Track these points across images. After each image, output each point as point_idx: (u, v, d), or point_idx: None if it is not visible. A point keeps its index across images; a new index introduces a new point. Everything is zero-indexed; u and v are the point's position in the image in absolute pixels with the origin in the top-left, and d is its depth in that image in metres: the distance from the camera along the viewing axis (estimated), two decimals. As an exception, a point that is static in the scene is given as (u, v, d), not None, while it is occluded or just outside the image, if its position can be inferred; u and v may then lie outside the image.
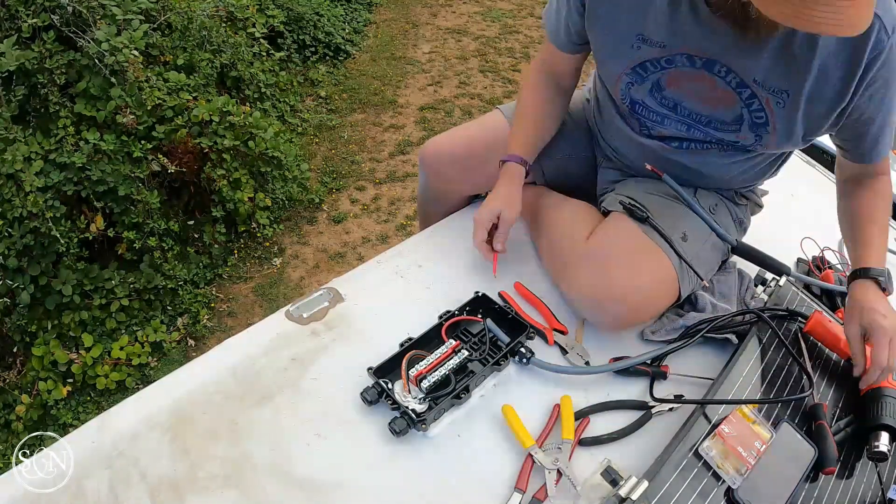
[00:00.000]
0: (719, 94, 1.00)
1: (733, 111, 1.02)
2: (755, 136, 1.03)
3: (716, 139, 1.07)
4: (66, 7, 2.68)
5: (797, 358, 1.01)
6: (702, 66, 0.98)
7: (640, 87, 1.07)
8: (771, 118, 1.00)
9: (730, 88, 0.99)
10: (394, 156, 4.26)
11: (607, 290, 1.02)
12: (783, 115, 0.99)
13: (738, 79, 0.97)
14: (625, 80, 1.07)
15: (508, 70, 5.29)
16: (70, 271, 2.78)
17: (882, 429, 0.93)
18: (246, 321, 3.16)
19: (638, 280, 1.03)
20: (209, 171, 3.09)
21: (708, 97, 1.02)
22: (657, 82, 1.05)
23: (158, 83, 2.98)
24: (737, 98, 0.99)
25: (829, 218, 1.20)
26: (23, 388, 2.78)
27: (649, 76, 1.04)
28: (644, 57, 1.02)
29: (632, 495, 0.78)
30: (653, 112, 1.09)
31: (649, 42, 1.00)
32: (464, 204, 1.43)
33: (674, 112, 1.07)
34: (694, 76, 1.00)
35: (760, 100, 0.98)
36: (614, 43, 1.05)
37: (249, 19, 3.89)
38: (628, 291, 1.02)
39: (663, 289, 1.07)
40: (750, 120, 1.01)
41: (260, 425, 0.92)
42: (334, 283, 1.16)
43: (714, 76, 0.98)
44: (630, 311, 1.04)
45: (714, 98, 1.01)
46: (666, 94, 1.05)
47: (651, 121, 1.11)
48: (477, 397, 0.99)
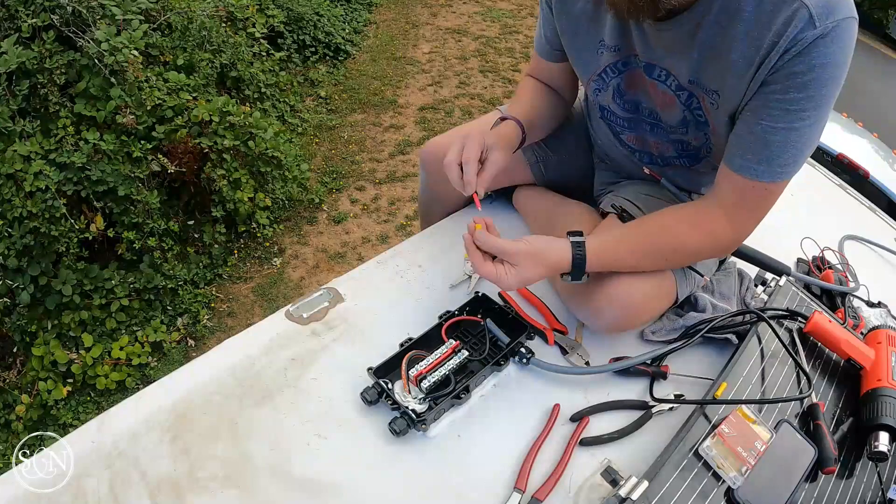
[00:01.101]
0: (662, 97, 0.99)
1: (676, 115, 1.00)
2: (704, 135, 1.01)
3: (675, 142, 1.06)
4: (66, 7, 2.68)
5: (796, 358, 1.01)
6: (643, 69, 0.98)
7: (605, 93, 1.07)
8: (709, 118, 0.96)
9: (670, 91, 0.96)
10: (394, 156, 4.26)
11: (605, 294, 1.01)
12: (720, 116, 0.93)
13: (676, 81, 0.94)
14: (592, 87, 1.08)
15: (508, 70, 5.29)
16: (70, 271, 2.78)
17: (882, 429, 0.93)
18: (246, 321, 3.16)
19: (634, 283, 1.02)
20: (209, 171, 3.09)
21: (656, 99, 1.01)
22: (618, 87, 1.05)
23: (158, 83, 2.98)
24: (676, 101, 0.97)
25: (829, 218, 1.20)
26: (23, 388, 2.78)
27: (610, 81, 1.05)
28: (606, 62, 1.02)
29: (632, 495, 0.78)
30: (619, 118, 1.10)
31: (608, 48, 1.00)
32: (464, 204, 1.43)
33: (636, 113, 1.07)
34: (643, 79, 1.00)
35: (698, 98, 0.94)
36: (579, 51, 1.06)
37: (249, 19, 3.89)
38: (626, 295, 1.01)
39: (660, 292, 1.07)
40: (693, 120, 0.99)
41: (260, 425, 0.92)
42: (334, 283, 1.16)
43: (655, 80, 0.97)
44: (626, 314, 1.03)
45: (661, 100, 1.00)
46: (627, 97, 1.06)
47: (619, 126, 1.12)
48: (477, 397, 0.99)
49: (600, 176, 1.32)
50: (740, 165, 0.89)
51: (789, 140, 0.84)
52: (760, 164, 0.87)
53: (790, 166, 0.86)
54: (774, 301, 1.13)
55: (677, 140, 1.06)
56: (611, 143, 1.20)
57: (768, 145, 0.85)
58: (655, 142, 1.10)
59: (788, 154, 0.85)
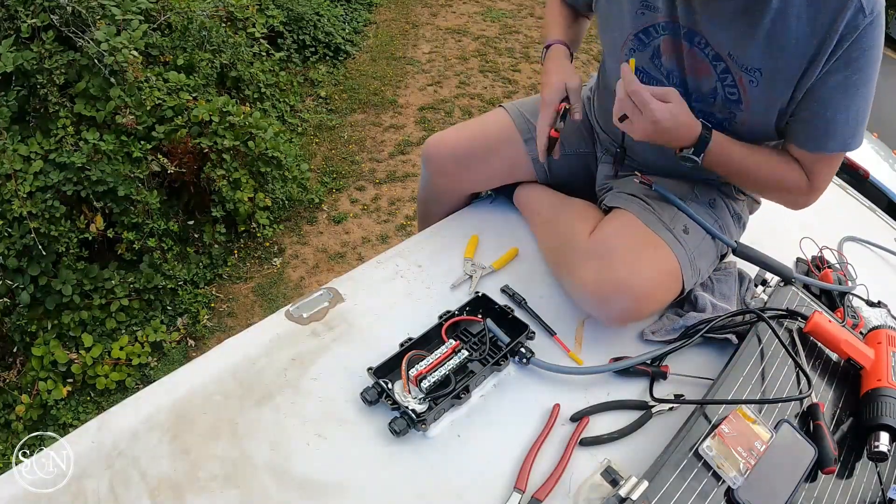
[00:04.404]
0: (698, 63, 1.02)
1: (709, 82, 1.03)
2: (729, 112, 1.04)
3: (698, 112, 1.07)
4: (66, 7, 2.68)
5: (796, 358, 1.01)
6: (684, 37, 1.00)
7: (643, 53, 1.09)
8: (744, 96, 1.00)
9: (707, 60, 1.00)
10: (394, 156, 4.26)
11: (613, 284, 1.02)
12: (757, 94, 0.98)
13: (714, 52, 0.98)
14: (628, 47, 1.10)
15: (508, 70, 5.28)
16: (70, 271, 2.78)
17: (882, 429, 0.93)
18: (246, 321, 3.16)
19: (642, 272, 1.04)
20: (209, 171, 3.09)
21: (689, 66, 1.04)
22: (657, 48, 1.07)
23: (158, 83, 2.98)
24: (712, 70, 1.01)
25: (829, 218, 1.20)
26: (23, 388, 2.78)
27: (651, 42, 1.06)
28: (648, 22, 1.04)
29: (632, 495, 0.78)
30: (653, 79, 1.11)
31: (651, 7, 1.02)
32: (464, 204, 1.43)
33: (667, 80, 1.09)
34: (679, 45, 1.02)
35: (734, 76, 0.98)
36: (619, 10, 1.08)
37: (249, 19, 3.89)
38: (633, 284, 1.02)
39: (667, 281, 1.07)
40: (723, 94, 1.02)
41: (260, 425, 0.92)
42: (334, 283, 1.16)
43: (694, 47, 1.00)
44: (636, 303, 1.03)
45: (694, 67, 1.03)
46: (661, 61, 1.07)
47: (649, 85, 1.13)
48: (477, 397, 0.99)
49: (603, 169, 1.32)
50: (814, 147, 1.00)
51: (850, 117, 0.95)
52: (830, 141, 0.98)
53: (856, 137, 0.98)
54: (774, 301, 1.13)
55: (700, 110, 1.07)
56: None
57: (836, 124, 0.96)
58: None
59: (850, 128, 0.96)
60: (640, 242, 1.07)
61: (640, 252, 1.06)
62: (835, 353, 1.07)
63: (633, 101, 0.97)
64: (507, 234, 1.32)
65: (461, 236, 1.30)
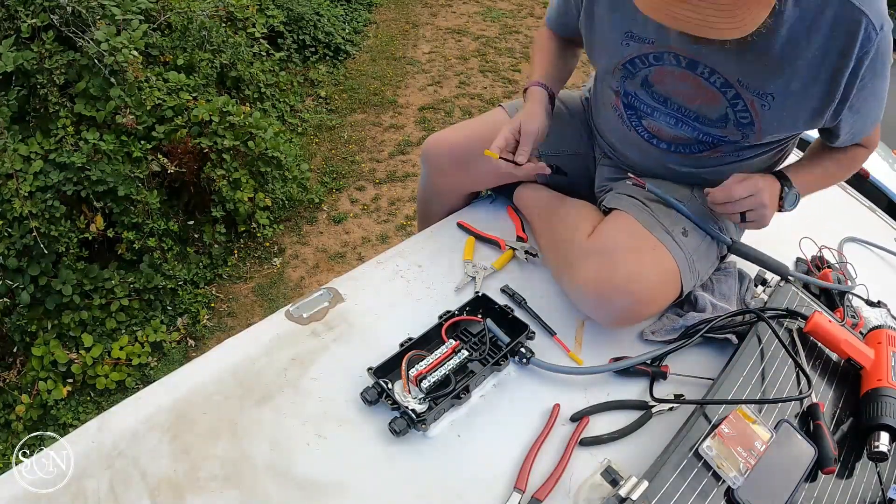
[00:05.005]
0: (704, 92, 1.02)
1: (718, 110, 1.03)
2: (741, 133, 1.05)
3: (704, 134, 1.08)
4: (66, 7, 2.68)
5: (796, 358, 1.01)
6: (686, 66, 1.00)
7: (632, 81, 1.10)
8: (756, 119, 1.01)
9: (714, 88, 1.00)
10: (394, 156, 4.26)
11: (612, 284, 1.02)
12: (769, 116, 1.00)
13: (723, 79, 0.98)
14: (619, 75, 1.11)
15: (508, 70, 5.28)
16: (70, 271, 2.77)
17: (882, 429, 0.93)
18: (246, 321, 3.16)
19: (642, 273, 1.04)
20: (209, 171, 3.09)
21: (693, 95, 1.04)
22: (645, 79, 1.07)
23: (158, 83, 2.97)
24: (721, 97, 1.01)
25: (828, 218, 1.20)
26: (23, 388, 2.77)
27: (638, 72, 1.07)
28: (633, 53, 1.04)
29: (632, 495, 0.78)
30: (644, 103, 1.12)
31: (637, 39, 1.02)
32: (464, 203, 1.43)
33: (664, 106, 1.09)
34: (679, 75, 1.02)
35: (745, 101, 0.99)
36: (603, 40, 1.08)
37: (249, 19, 3.88)
38: (633, 284, 1.02)
39: (666, 283, 1.07)
40: (735, 119, 1.03)
41: (260, 425, 0.92)
42: (334, 283, 1.16)
43: (697, 76, 1.00)
44: (635, 304, 1.03)
45: (699, 97, 1.03)
46: (655, 90, 1.08)
47: (642, 111, 1.13)
48: (477, 397, 0.99)
49: (602, 172, 1.32)
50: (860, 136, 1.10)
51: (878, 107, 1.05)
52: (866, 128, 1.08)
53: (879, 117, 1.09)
54: (774, 301, 1.13)
55: (707, 133, 1.08)
56: (623, 134, 1.21)
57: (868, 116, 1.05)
58: (675, 134, 1.12)
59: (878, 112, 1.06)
60: (639, 245, 1.07)
61: (639, 254, 1.06)
62: (835, 353, 1.07)
63: (730, 210, 1.05)
64: (507, 234, 1.32)
65: (461, 236, 1.30)
